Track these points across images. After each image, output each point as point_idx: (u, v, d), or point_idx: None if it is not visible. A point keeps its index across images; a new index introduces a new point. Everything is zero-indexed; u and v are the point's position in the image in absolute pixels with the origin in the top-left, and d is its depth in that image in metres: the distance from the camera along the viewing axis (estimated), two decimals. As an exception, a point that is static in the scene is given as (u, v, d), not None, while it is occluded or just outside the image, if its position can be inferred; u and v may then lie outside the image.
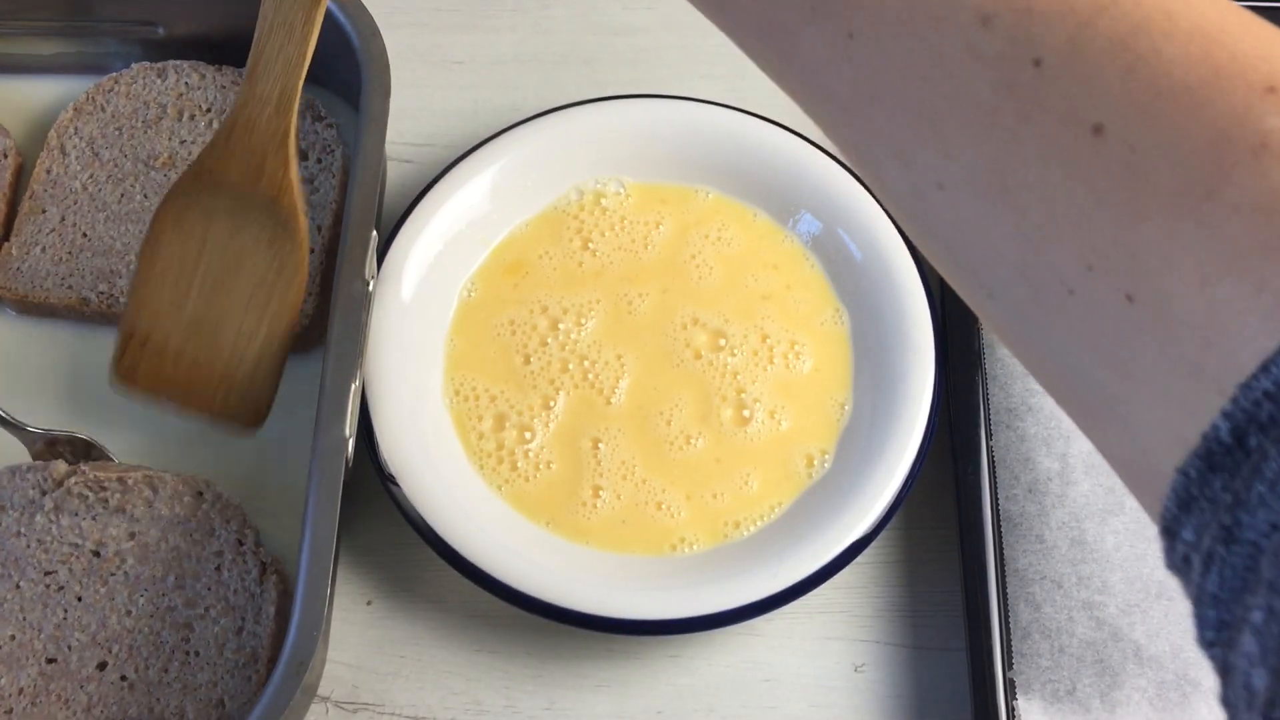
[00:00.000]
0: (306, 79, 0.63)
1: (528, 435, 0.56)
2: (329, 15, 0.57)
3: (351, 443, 0.50)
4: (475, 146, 0.61)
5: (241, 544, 0.51)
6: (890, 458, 0.54)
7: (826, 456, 0.56)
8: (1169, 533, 0.24)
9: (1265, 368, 0.22)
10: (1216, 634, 0.23)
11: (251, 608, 0.50)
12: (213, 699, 0.49)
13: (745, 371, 0.57)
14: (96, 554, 0.50)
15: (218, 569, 0.51)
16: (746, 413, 0.57)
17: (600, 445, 0.56)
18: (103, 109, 0.62)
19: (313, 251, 0.58)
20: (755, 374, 0.57)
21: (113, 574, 0.50)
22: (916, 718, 0.54)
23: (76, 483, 0.51)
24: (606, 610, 0.51)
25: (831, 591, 0.55)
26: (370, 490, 0.55)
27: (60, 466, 0.51)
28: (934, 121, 0.27)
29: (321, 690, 0.54)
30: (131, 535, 0.50)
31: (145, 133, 0.61)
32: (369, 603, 0.56)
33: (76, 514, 0.50)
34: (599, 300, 0.59)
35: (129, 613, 0.50)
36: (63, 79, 0.64)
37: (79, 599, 0.50)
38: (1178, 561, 0.24)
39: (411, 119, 0.66)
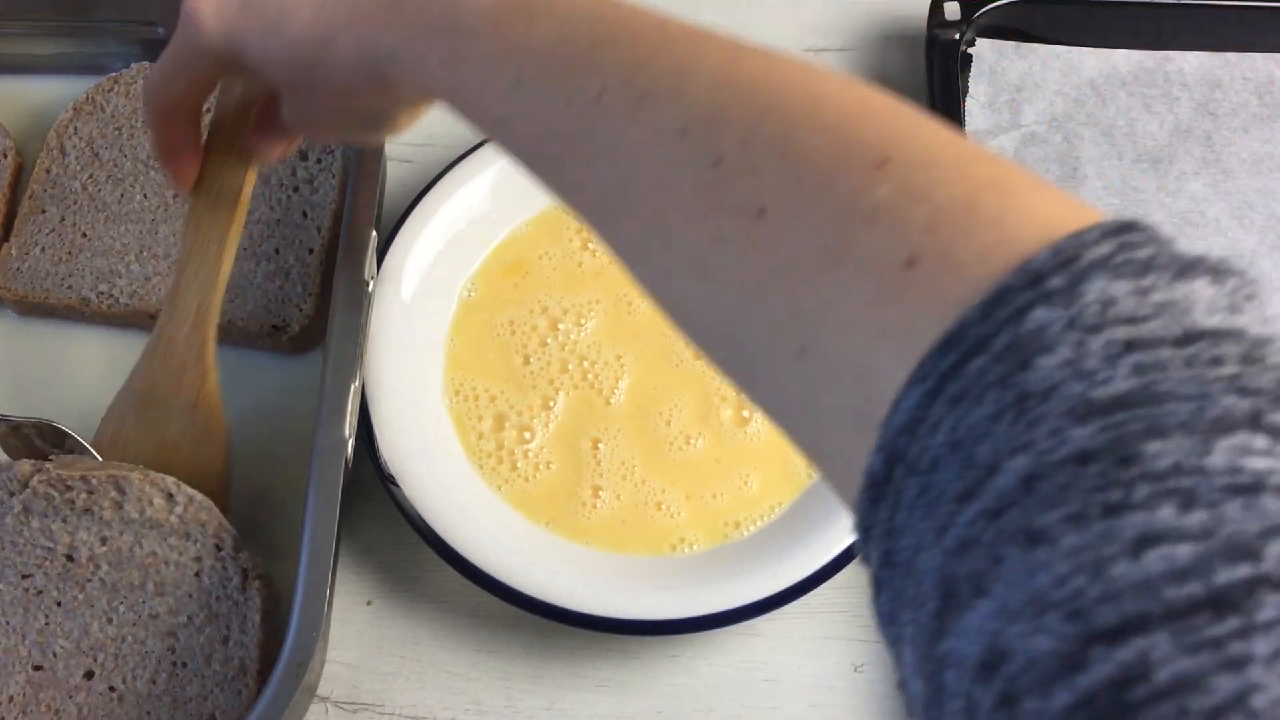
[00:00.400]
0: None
1: (527, 435, 0.56)
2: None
3: (351, 443, 0.50)
4: (475, 146, 0.61)
5: (220, 549, 0.50)
6: (890, 458, 0.54)
7: (826, 456, 0.56)
8: (863, 559, 0.27)
9: (896, 406, 0.25)
10: (891, 648, 0.26)
11: (236, 615, 0.49)
12: (203, 713, 0.48)
13: (745, 371, 0.57)
14: (70, 558, 0.49)
15: (197, 575, 0.49)
16: (746, 413, 0.57)
17: (600, 445, 0.56)
18: (102, 109, 0.62)
19: (311, 252, 0.59)
20: (755, 374, 0.57)
21: (89, 579, 0.49)
22: (916, 718, 0.54)
23: (41, 482, 0.49)
24: (606, 610, 0.51)
25: (831, 591, 0.55)
26: (370, 490, 0.55)
27: (25, 466, 0.49)
28: (659, 221, 0.30)
29: (321, 690, 0.54)
30: (103, 540, 0.49)
31: (145, 133, 0.61)
32: (369, 603, 0.56)
33: (45, 515, 0.49)
34: (599, 300, 0.59)
35: (110, 620, 0.49)
36: (63, 79, 0.64)
37: (58, 604, 0.49)
38: (870, 587, 0.27)
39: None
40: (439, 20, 0.36)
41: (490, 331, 0.58)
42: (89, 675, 0.49)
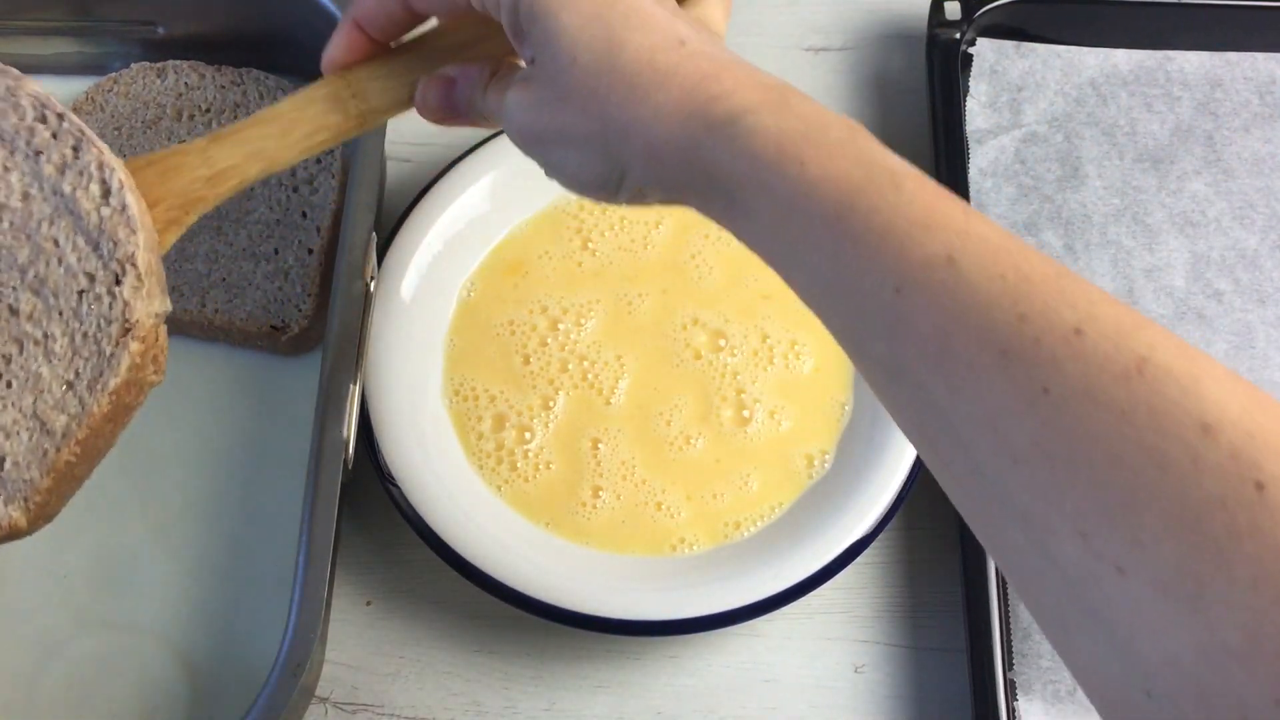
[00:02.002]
0: (307, 78, 0.63)
1: (527, 436, 0.56)
2: (328, 14, 0.58)
3: (351, 443, 0.50)
4: (475, 146, 0.61)
5: (118, 281, 0.39)
6: (890, 458, 0.53)
7: (826, 456, 0.56)
8: None
9: None
10: None
11: (93, 365, 0.39)
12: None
13: (745, 372, 0.57)
14: None
15: (79, 294, 0.39)
16: (746, 413, 0.56)
17: (600, 445, 0.56)
18: (102, 109, 0.62)
19: (311, 252, 0.58)
20: (755, 374, 0.57)
21: None
22: (916, 718, 0.53)
23: (24, 94, 0.41)
24: (606, 610, 0.51)
25: (832, 592, 0.55)
26: (370, 490, 0.55)
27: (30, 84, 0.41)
28: (1130, 505, 0.28)
29: (320, 691, 0.54)
30: (24, 195, 0.40)
31: (145, 133, 0.61)
32: (368, 603, 0.56)
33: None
34: (599, 300, 0.59)
35: None
36: (63, 79, 0.64)
37: None
38: None
39: (411, 119, 0.66)
40: (852, 170, 0.33)
41: (490, 331, 0.58)
42: None
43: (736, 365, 0.57)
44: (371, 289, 0.54)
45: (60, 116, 0.40)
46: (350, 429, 0.50)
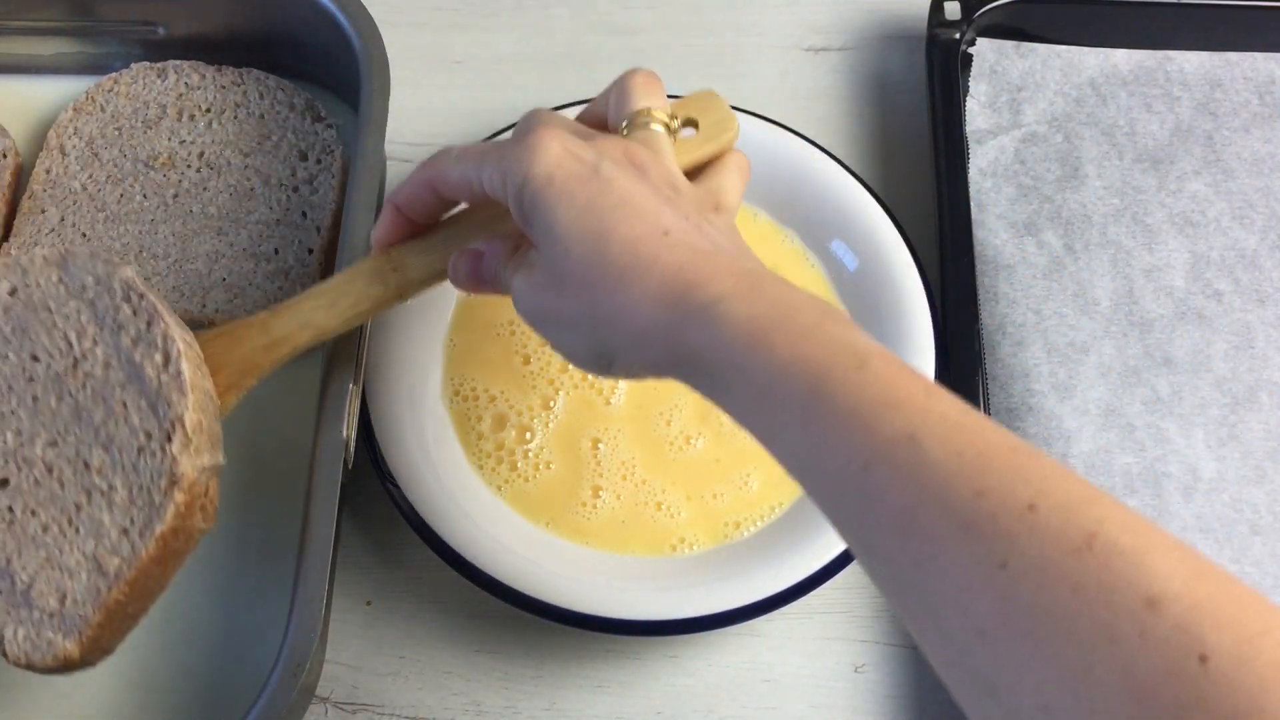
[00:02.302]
0: (306, 78, 0.63)
1: (527, 435, 0.56)
2: (328, 14, 0.58)
3: (351, 443, 0.50)
4: (475, 146, 0.60)
5: (170, 439, 0.43)
6: (890, 458, 0.53)
7: (826, 456, 0.56)
8: None
9: None
10: None
11: (141, 519, 0.43)
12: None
13: (745, 371, 0.57)
14: (75, 361, 0.45)
15: (139, 452, 0.43)
16: (746, 413, 0.56)
17: (600, 445, 0.56)
18: (102, 109, 0.62)
19: (311, 252, 0.59)
20: (755, 374, 0.57)
21: (71, 388, 0.45)
22: (916, 718, 0.53)
23: (121, 282, 0.45)
24: (606, 610, 0.51)
25: (832, 591, 0.55)
26: (370, 490, 0.55)
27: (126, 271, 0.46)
28: (1085, 678, 0.29)
29: (320, 690, 0.54)
30: (106, 365, 0.44)
31: (145, 133, 0.61)
32: (368, 603, 0.56)
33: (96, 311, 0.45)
34: (599, 300, 0.59)
35: (52, 442, 0.44)
36: (63, 79, 0.64)
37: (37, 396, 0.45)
38: None
39: (411, 119, 0.66)
40: (819, 354, 0.35)
41: (490, 331, 0.58)
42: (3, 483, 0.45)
43: (736, 365, 0.57)
44: (371, 289, 0.54)
45: (141, 296, 0.45)
46: (350, 429, 0.50)
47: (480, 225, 0.49)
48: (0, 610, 0.43)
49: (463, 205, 0.49)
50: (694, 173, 0.48)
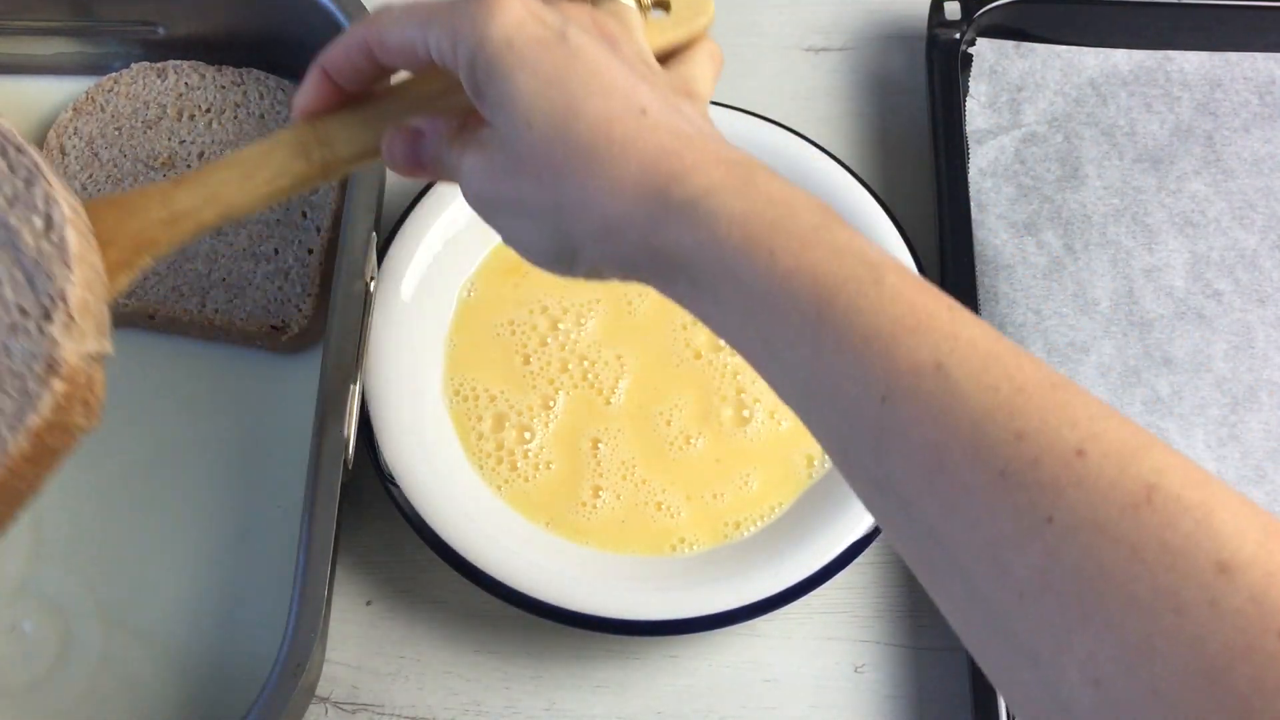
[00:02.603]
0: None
1: (527, 435, 0.56)
2: (328, 14, 0.58)
3: (351, 443, 0.50)
4: (475, 146, 0.60)
5: (48, 318, 0.37)
6: (890, 458, 0.53)
7: (827, 456, 0.56)
8: None
9: None
10: None
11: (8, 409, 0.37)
12: None
13: (745, 371, 0.57)
14: None
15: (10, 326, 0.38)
16: (746, 413, 0.57)
17: (600, 445, 0.56)
18: (102, 109, 0.62)
19: (311, 252, 0.59)
20: (755, 374, 0.57)
21: None
22: (917, 718, 0.53)
23: None
24: (606, 610, 0.51)
25: (832, 592, 0.55)
26: (370, 490, 0.55)
27: None
28: (1146, 652, 0.26)
29: (321, 691, 0.54)
30: None
31: (145, 133, 0.61)
32: (369, 603, 0.56)
33: None
34: (599, 300, 0.59)
35: None
36: (63, 79, 0.64)
37: None
38: None
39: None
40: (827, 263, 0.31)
41: (490, 331, 0.58)
42: None
43: (736, 365, 0.57)
44: (371, 289, 0.54)
45: (19, 150, 0.39)
46: (350, 429, 0.50)
47: (422, 99, 0.42)
48: None
49: (403, 74, 0.42)
50: (663, 59, 0.42)
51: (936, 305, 0.31)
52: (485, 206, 0.39)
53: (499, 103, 0.35)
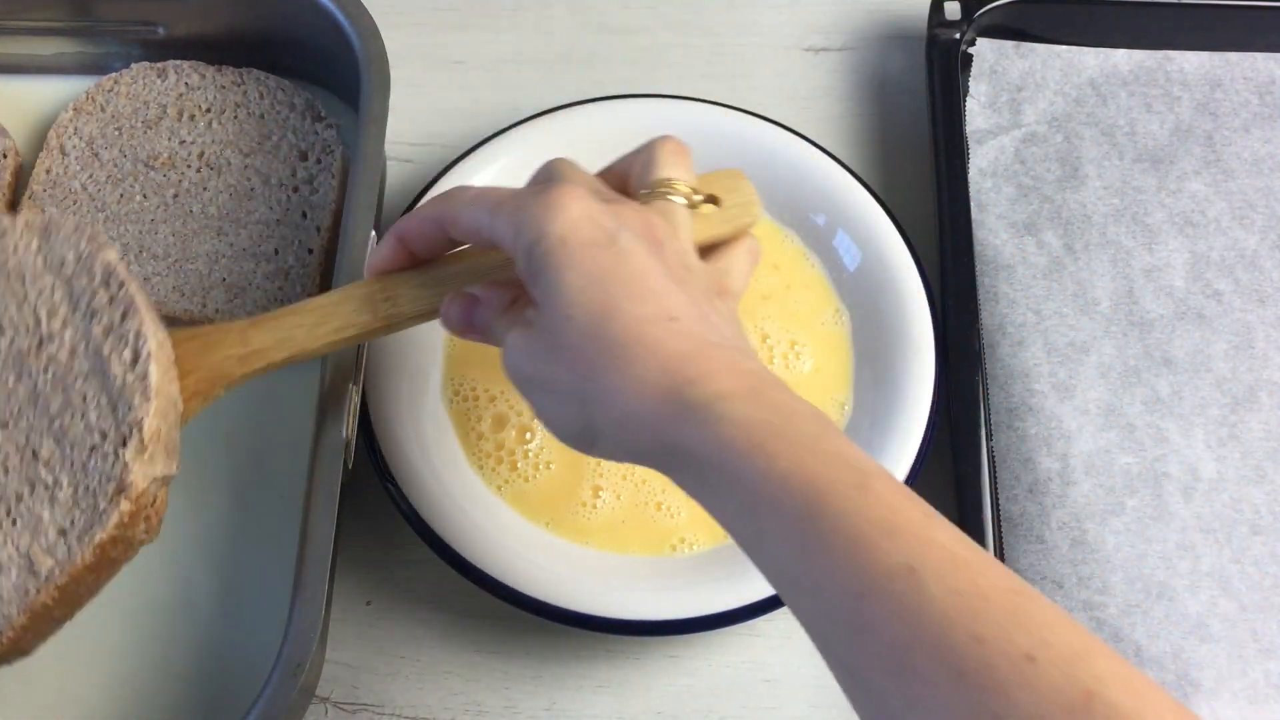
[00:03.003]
0: (307, 78, 0.63)
1: (528, 436, 0.56)
2: (328, 14, 0.58)
3: (351, 443, 0.50)
4: (475, 146, 0.61)
5: (124, 443, 0.41)
6: (890, 458, 0.53)
7: (826, 457, 0.56)
8: None
9: None
10: None
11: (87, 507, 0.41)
12: None
13: (745, 371, 0.57)
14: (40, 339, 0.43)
15: (91, 450, 0.41)
16: (746, 413, 0.56)
17: (600, 445, 0.56)
18: (103, 109, 0.62)
19: (311, 252, 0.59)
20: (755, 374, 0.57)
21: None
22: (917, 718, 0.53)
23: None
24: (606, 610, 0.51)
25: (831, 592, 0.55)
26: (370, 490, 0.55)
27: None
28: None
29: (321, 690, 0.54)
30: (85, 342, 0.43)
31: (145, 133, 0.61)
32: (368, 603, 0.56)
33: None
34: (599, 300, 0.59)
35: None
36: (63, 79, 0.64)
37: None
38: None
39: (411, 119, 0.66)
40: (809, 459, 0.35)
41: (490, 331, 0.58)
42: None
43: (736, 365, 0.57)
44: (372, 289, 0.54)
45: (121, 285, 0.42)
46: (350, 429, 0.50)
47: (480, 270, 0.46)
48: None
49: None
50: (705, 250, 0.46)
51: (914, 511, 0.34)
52: (521, 379, 0.42)
53: (547, 292, 0.39)
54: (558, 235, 0.39)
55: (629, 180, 0.46)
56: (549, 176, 0.43)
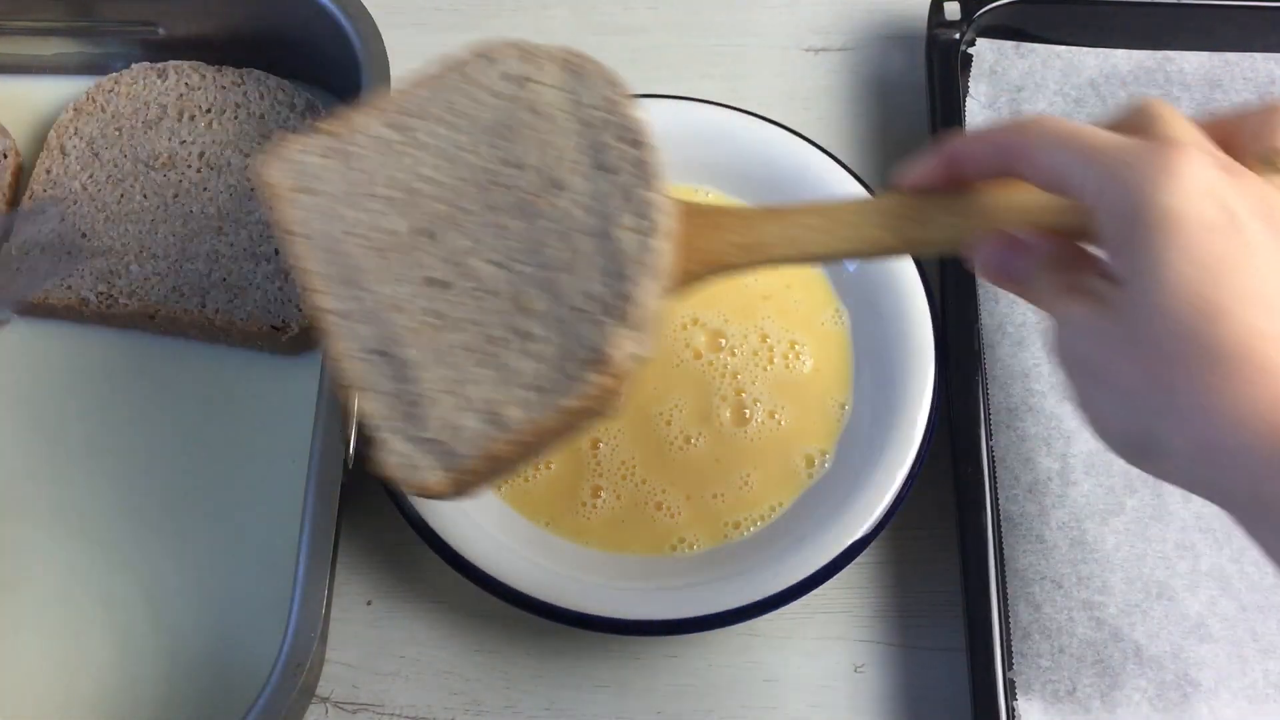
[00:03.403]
0: (307, 78, 0.63)
1: (527, 435, 0.56)
2: (328, 14, 0.58)
3: (351, 443, 0.50)
4: (475, 146, 0.60)
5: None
6: (890, 458, 0.53)
7: (826, 456, 0.56)
8: None
9: None
10: None
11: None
12: None
13: (745, 371, 0.57)
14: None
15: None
16: (746, 413, 0.57)
17: (600, 445, 0.56)
18: (103, 109, 0.62)
19: (312, 251, 0.58)
20: (755, 374, 0.57)
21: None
22: (916, 718, 0.54)
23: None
24: (606, 610, 0.51)
25: (831, 591, 0.55)
26: (370, 490, 0.55)
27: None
28: None
29: (321, 690, 0.54)
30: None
31: (145, 133, 0.61)
32: (369, 603, 0.56)
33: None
34: (599, 300, 0.59)
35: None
36: (63, 79, 0.64)
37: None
38: None
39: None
40: None
41: (490, 331, 0.58)
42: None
43: (736, 365, 0.57)
44: (372, 289, 0.54)
45: (645, 145, 0.41)
46: (350, 429, 0.50)
47: (1026, 210, 0.40)
48: (388, 409, 0.39)
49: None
50: None
51: None
52: (1073, 361, 0.36)
53: (1139, 272, 0.33)
54: (1168, 207, 0.32)
55: (1237, 140, 0.37)
56: (1150, 121, 0.35)
